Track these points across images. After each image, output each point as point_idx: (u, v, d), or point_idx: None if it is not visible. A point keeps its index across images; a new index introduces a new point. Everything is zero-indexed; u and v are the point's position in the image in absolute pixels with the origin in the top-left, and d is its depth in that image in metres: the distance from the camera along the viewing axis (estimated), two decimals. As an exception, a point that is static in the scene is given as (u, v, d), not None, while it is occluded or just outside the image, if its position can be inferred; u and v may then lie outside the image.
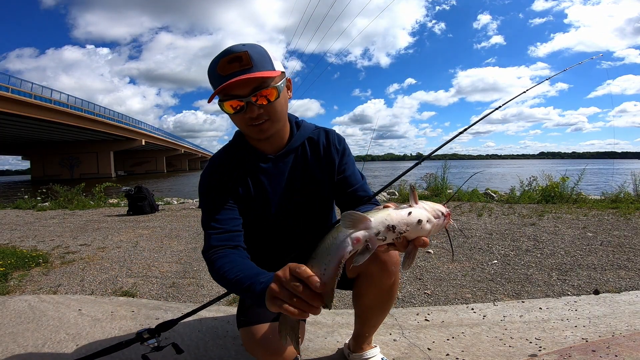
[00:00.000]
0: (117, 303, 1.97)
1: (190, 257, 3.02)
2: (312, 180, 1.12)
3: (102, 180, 8.82)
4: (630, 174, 6.01)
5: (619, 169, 16.12)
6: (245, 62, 0.90)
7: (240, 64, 0.90)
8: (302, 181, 1.11)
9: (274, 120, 0.98)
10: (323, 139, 1.14)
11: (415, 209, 0.67)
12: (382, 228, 0.64)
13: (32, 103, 26.62)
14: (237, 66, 0.90)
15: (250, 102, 0.92)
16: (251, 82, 0.90)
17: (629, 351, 1.33)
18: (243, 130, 1.03)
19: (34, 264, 2.77)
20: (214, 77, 0.93)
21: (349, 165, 1.15)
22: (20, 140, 40.44)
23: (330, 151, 1.13)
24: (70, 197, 7.03)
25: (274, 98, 0.94)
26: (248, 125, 0.97)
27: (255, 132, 0.98)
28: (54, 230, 4.34)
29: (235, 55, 0.90)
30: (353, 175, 1.15)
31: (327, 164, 1.13)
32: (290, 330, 0.69)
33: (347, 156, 1.16)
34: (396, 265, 1.07)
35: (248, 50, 0.91)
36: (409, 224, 0.65)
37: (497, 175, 22.64)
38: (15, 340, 1.54)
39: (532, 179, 6.50)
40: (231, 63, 0.90)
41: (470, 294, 2.08)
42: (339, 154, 1.14)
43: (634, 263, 2.50)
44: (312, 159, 1.12)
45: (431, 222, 0.68)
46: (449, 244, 0.80)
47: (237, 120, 0.98)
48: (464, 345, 1.44)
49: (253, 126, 0.96)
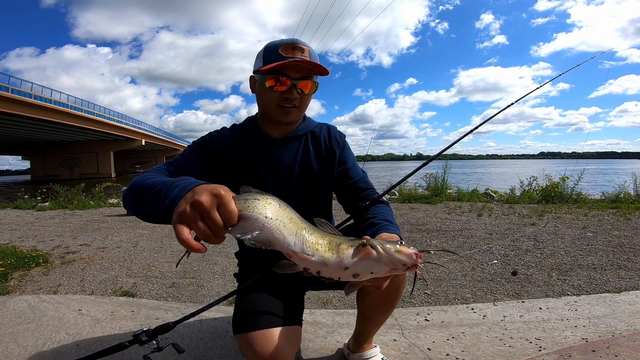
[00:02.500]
0: (117, 303, 1.97)
1: (190, 257, 3.02)
2: (310, 170, 1.14)
3: (102, 180, 8.82)
4: (631, 174, 6.01)
5: (619, 169, 16.12)
6: (306, 54, 1.04)
7: (301, 53, 1.03)
8: (300, 170, 1.14)
9: (300, 110, 1.08)
10: (325, 132, 1.19)
11: (369, 261, 0.66)
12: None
13: (32, 103, 26.61)
14: (298, 53, 1.03)
15: (295, 85, 1.02)
16: (305, 70, 1.02)
17: (629, 351, 1.33)
18: (269, 108, 1.07)
19: (34, 264, 2.77)
20: (274, 54, 1.02)
21: (349, 158, 1.19)
22: (20, 140, 40.44)
23: (331, 144, 1.18)
24: (70, 197, 7.03)
25: (311, 91, 1.06)
26: (278, 105, 1.05)
27: (282, 113, 1.06)
28: (54, 230, 4.34)
29: (299, 45, 1.03)
30: (353, 169, 1.18)
31: (328, 156, 1.16)
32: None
33: (347, 150, 1.20)
34: None
35: (309, 48, 1.05)
36: (362, 271, 0.67)
37: (497, 175, 22.65)
38: (15, 340, 1.54)
39: (532, 179, 6.50)
40: (295, 50, 1.02)
41: (470, 294, 2.08)
42: (339, 147, 1.18)
43: (634, 263, 2.50)
44: (313, 150, 1.16)
45: (382, 272, 0.68)
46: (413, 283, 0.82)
47: (270, 96, 1.04)
48: (464, 345, 1.44)
49: (282, 107, 1.05)
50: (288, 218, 0.66)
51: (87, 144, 44.51)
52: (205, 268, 2.72)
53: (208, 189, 0.62)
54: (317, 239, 0.67)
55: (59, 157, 45.41)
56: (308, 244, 0.66)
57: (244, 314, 1.02)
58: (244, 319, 1.01)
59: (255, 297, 1.05)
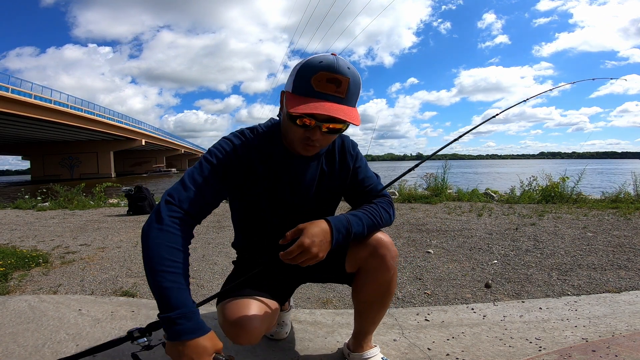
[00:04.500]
0: (117, 303, 1.97)
1: (190, 257, 3.02)
2: (326, 186, 1.16)
3: (102, 180, 8.82)
4: (631, 174, 6.01)
5: (618, 169, 16.13)
6: (342, 90, 0.90)
7: (337, 88, 0.90)
8: (317, 186, 1.15)
9: (323, 147, 1.04)
10: (338, 146, 1.17)
11: None
12: None
13: (32, 103, 26.62)
14: (333, 88, 0.90)
15: (320, 126, 0.94)
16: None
17: (629, 351, 1.33)
18: (291, 138, 1.02)
19: (34, 264, 2.77)
20: (306, 83, 0.91)
21: (361, 168, 1.19)
22: (20, 140, 40.45)
23: (345, 158, 1.17)
24: (70, 197, 7.03)
25: (339, 132, 0.98)
26: (301, 141, 0.99)
27: (303, 148, 1.01)
28: (54, 230, 4.34)
29: (336, 77, 0.89)
30: (366, 178, 1.18)
31: (341, 171, 1.17)
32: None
33: (360, 160, 1.20)
34: (394, 259, 1.10)
35: (350, 78, 0.91)
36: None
37: (497, 175, 22.66)
38: (15, 340, 1.54)
39: (532, 179, 6.50)
40: (329, 82, 0.89)
41: (470, 294, 2.08)
42: (352, 160, 1.18)
43: (634, 263, 2.50)
44: (328, 167, 1.16)
45: None
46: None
47: (295, 131, 0.97)
48: (464, 345, 1.44)
49: (305, 143, 0.99)
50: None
51: (87, 144, 44.54)
52: (205, 268, 2.73)
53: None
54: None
55: (59, 157, 45.45)
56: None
57: (228, 290, 1.07)
58: (225, 293, 1.06)
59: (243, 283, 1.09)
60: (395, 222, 4.31)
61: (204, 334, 0.84)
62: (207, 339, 0.84)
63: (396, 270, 1.13)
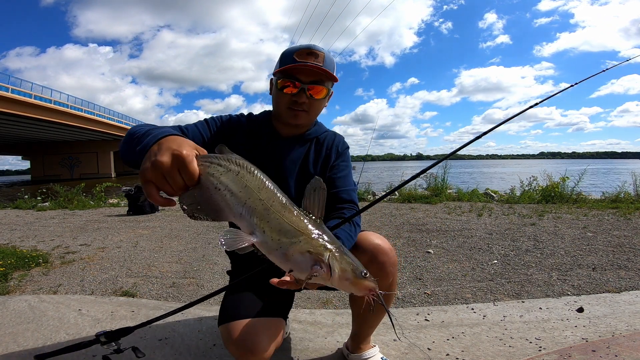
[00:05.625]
0: (117, 303, 1.97)
1: (190, 257, 3.02)
2: (307, 174, 1.16)
3: (102, 180, 8.81)
4: (631, 174, 6.01)
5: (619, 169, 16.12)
6: (319, 60, 1.06)
7: (315, 59, 1.06)
8: (298, 171, 1.16)
9: (310, 114, 1.11)
10: (329, 140, 1.22)
11: (317, 278, 0.60)
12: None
13: (32, 103, 26.59)
14: (312, 59, 1.06)
15: (304, 88, 1.05)
16: (315, 74, 1.05)
17: (629, 351, 1.33)
18: (279, 110, 1.11)
19: (34, 264, 2.77)
20: (289, 58, 1.07)
21: (341, 167, 1.19)
22: (20, 140, 40.41)
23: (330, 151, 1.20)
24: (70, 197, 7.03)
25: (321, 96, 1.09)
26: (287, 107, 1.08)
27: (290, 115, 1.10)
28: (54, 230, 4.34)
29: (314, 51, 1.06)
30: (343, 179, 1.17)
31: (324, 162, 1.19)
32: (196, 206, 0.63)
33: (344, 161, 1.21)
34: (394, 266, 1.09)
35: (325, 53, 1.08)
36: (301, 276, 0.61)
37: (497, 175, 22.64)
38: (15, 340, 1.54)
39: (532, 179, 6.50)
40: (309, 55, 1.06)
41: (470, 294, 2.08)
42: (336, 156, 1.20)
43: (634, 263, 2.50)
44: (313, 155, 1.18)
45: (321, 283, 0.62)
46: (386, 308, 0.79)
47: (281, 98, 1.08)
48: (464, 345, 1.44)
49: (291, 109, 1.09)
50: (247, 186, 0.62)
51: (87, 144, 44.50)
52: (205, 268, 2.72)
53: (171, 149, 0.63)
54: (280, 220, 0.60)
55: (59, 157, 45.40)
56: (260, 223, 0.60)
57: (229, 306, 1.05)
58: (227, 311, 1.04)
59: (243, 293, 1.09)
60: (395, 222, 4.31)
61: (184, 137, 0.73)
62: (188, 141, 0.69)
63: (396, 277, 1.12)
